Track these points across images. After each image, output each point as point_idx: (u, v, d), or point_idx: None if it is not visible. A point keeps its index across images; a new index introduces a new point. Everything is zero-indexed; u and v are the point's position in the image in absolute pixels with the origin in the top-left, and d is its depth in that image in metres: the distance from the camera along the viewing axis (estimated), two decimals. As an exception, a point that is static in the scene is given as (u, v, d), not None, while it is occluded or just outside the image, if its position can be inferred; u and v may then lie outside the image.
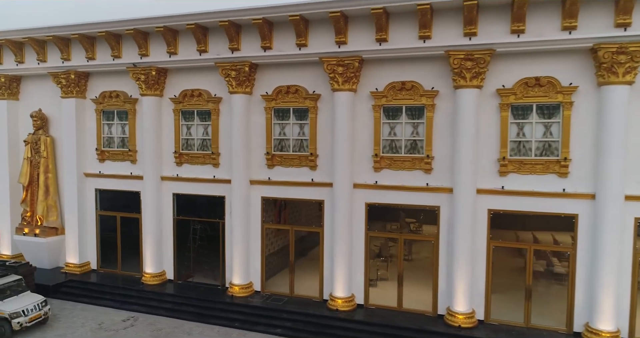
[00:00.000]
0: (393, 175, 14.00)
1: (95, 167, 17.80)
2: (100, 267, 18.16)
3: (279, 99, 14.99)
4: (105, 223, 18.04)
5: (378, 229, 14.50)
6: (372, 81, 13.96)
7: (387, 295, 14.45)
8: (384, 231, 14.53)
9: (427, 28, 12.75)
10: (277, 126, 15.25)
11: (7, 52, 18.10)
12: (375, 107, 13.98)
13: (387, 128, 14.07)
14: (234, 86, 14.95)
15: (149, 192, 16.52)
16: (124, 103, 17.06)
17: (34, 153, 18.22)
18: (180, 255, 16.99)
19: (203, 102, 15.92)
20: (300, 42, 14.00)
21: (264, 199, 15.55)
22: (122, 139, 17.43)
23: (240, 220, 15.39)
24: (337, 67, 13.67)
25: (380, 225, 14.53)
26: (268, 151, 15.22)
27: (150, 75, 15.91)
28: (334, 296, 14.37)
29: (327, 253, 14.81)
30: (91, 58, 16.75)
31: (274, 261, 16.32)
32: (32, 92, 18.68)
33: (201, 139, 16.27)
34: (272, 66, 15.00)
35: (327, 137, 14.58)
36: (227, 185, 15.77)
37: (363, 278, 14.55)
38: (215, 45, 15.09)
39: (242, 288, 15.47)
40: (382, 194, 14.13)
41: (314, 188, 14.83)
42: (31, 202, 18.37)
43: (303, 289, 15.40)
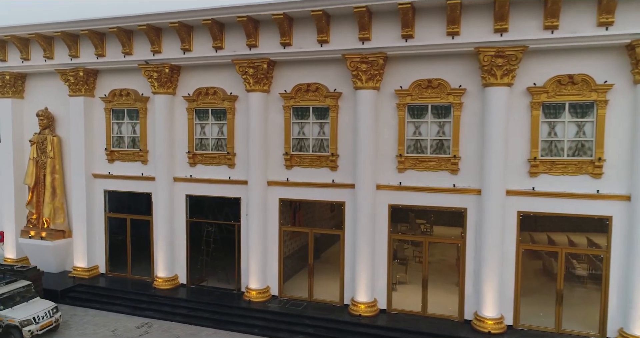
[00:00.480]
0: (418, 176, 13.56)
1: (104, 168, 17.22)
2: (109, 271, 17.58)
3: (298, 97, 14.50)
4: (114, 226, 17.47)
5: (402, 231, 14.06)
6: (396, 79, 13.52)
7: (410, 299, 14.00)
8: (408, 234, 14.08)
9: (456, 24, 12.32)
10: (296, 125, 14.76)
11: (12, 48, 17.48)
12: (400, 106, 13.53)
13: (412, 127, 13.63)
14: (252, 83, 14.45)
15: (161, 193, 15.98)
16: (134, 102, 16.50)
17: (40, 153, 17.62)
18: (193, 259, 16.45)
19: (218, 100, 15.40)
20: (321, 39, 13.53)
21: (282, 201, 15.05)
22: (133, 139, 16.86)
23: (257, 222, 14.89)
24: (361, 64, 13.21)
25: (404, 227, 14.08)
26: (287, 151, 14.73)
27: (163, 72, 15.37)
28: (356, 301, 13.91)
29: (349, 256, 14.33)
30: (101, 55, 16.18)
31: (289, 264, 15.84)
32: (38, 90, 18.07)
33: (216, 138, 15.74)
34: (291, 63, 14.50)
35: (348, 137, 14.13)
36: (243, 186, 15.27)
37: (386, 282, 14.09)
38: (232, 41, 14.58)
39: (259, 292, 14.98)
40: (406, 195, 13.68)
41: (335, 190, 14.35)
42: (37, 204, 17.77)
43: (322, 293, 14.93)
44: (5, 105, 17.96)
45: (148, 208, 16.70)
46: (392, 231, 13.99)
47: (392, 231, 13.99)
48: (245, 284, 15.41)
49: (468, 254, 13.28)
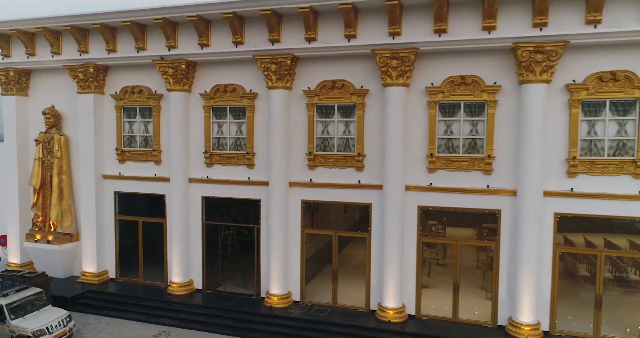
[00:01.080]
0: (449, 176, 13.05)
1: (114, 168, 16.49)
2: (119, 276, 16.84)
3: (322, 94, 13.91)
4: (124, 229, 16.74)
5: (431, 234, 13.54)
6: (427, 75, 12.99)
7: (440, 304, 13.48)
8: (438, 237, 13.56)
9: (493, 18, 11.83)
10: (320, 123, 14.17)
11: (17, 43, 16.69)
12: (431, 104, 13.01)
13: (443, 126, 13.11)
14: (274, 80, 13.83)
15: (176, 195, 15.29)
16: (147, 99, 15.79)
17: (46, 153, 16.84)
18: (209, 263, 15.79)
19: (237, 98, 14.76)
20: (349, 33, 12.97)
21: (304, 203, 14.46)
22: (145, 138, 16.15)
23: (278, 225, 14.27)
24: (391, 60, 12.66)
25: (434, 229, 13.56)
26: (310, 150, 14.14)
27: (179, 69, 14.69)
28: (385, 306, 13.35)
29: (375, 260, 13.79)
30: (112, 50, 15.45)
31: (308, 268, 15.22)
32: (43, 87, 17.27)
33: (234, 138, 15.10)
34: (315, 59, 13.91)
35: (375, 136, 13.57)
36: (264, 187, 14.65)
37: (414, 286, 13.57)
38: (253, 36, 13.97)
39: (280, 298, 14.36)
40: (437, 197, 13.16)
41: (361, 191, 13.79)
42: (43, 206, 16.98)
43: (346, 299, 14.36)
44: (9, 103, 17.15)
45: (161, 210, 16.01)
46: (422, 233, 13.47)
47: (421, 234, 13.47)
48: (265, 289, 14.79)
49: (502, 257, 12.80)
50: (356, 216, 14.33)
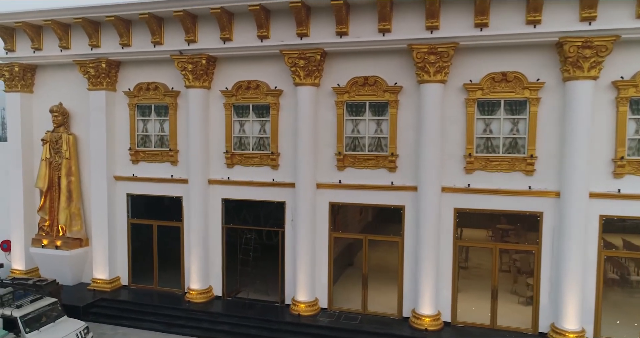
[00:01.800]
0: (488, 177, 12.50)
1: (127, 169, 15.63)
2: (132, 283, 15.99)
3: (352, 92, 13.25)
4: (137, 233, 15.89)
5: (468, 238, 12.97)
6: (465, 72, 12.41)
7: (477, 311, 12.92)
8: (475, 240, 12.99)
9: (538, 12, 11.30)
10: (350, 122, 13.51)
11: (22, 37, 15.75)
12: (469, 101, 12.44)
13: (482, 125, 12.55)
14: (302, 76, 13.14)
15: (195, 197, 14.50)
16: (163, 96, 14.97)
17: (53, 153, 15.92)
18: (229, 269, 15.04)
19: (261, 95, 14.03)
20: (383, 27, 12.34)
21: (332, 205, 13.79)
22: (161, 138, 15.33)
23: (306, 228, 13.58)
24: (429, 55, 12.05)
25: (471, 233, 12.99)
26: (339, 150, 13.47)
27: (199, 64, 13.91)
28: (420, 313, 12.75)
29: (409, 264, 13.18)
30: (126, 45, 14.62)
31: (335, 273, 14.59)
32: (49, 83, 16.34)
33: (257, 137, 14.37)
34: (345, 55, 13.24)
35: (409, 135, 12.97)
36: (289, 189, 13.96)
37: (450, 292, 12.99)
38: (279, 30, 13.26)
39: (308, 305, 13.68)
40: (475, 199, 12.61)
41: (394, 192, 13.17)
42: (50, 210, 16.06)
43: (376, 305, 13.73)
44: (13, 100, 16.18)
45: (178, 214, 15.21)
46: (458, 237, 12.90)
47: (458, 238, 12.90)
48: (291, 296, 14.10)
49: (544, 261, 12.28)
50: (387, 219, 13.69)
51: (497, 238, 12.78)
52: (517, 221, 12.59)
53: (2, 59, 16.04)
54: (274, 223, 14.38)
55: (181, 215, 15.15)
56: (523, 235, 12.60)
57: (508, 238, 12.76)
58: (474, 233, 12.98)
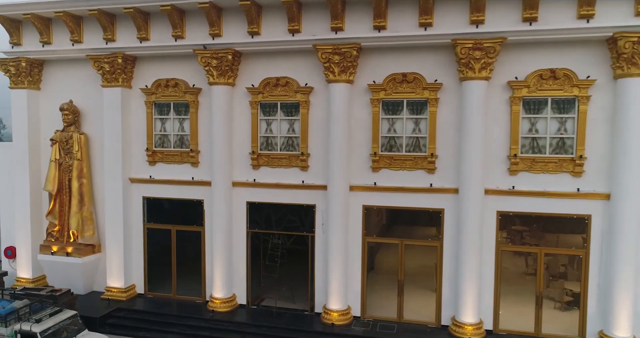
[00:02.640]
0: (533, 179, 11.97)
1: (143, 171, 14.76)
2: (148, 291, 15.11)
3: (389, 89, 12.60)
4: (154, 238, 15.02)
5: (511, 242, 12.42)
6: (510, 68, 11.86)
7: (520, 318, 12.38)
8: (519, 245, 12.44)
9: (590, 6, 10.80)
10: (386, 121, 12.86)
11: (29, 30, 14.78)
12: (514, 100, 11.88)
13: (527, 124, 12.01)
14: (337, 73, 12.44)
15: (218, 200, 13.71)
16: (184, 94, 14.14)
17: (63, 154, 14.95)
18: (254, 276, 14.29)
19: (290, 92, 13.30)
20: (425, 21, 11.74)
21: (366, 208, 13.13)
22: (181, 138, 14.48)
23: (338, 233, 12.90)
24: (474, 51, 11.46)
25: (514, 237, 12.44)
26: (375, 151, 12.81)
27: (224, 60, 13.13)
28: (461, 322, 12.16)
29: (448, 270, 12.60)
30: (144, 38, 13.76)
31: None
32: (58, 80, 15.36)
33: (285, 137, 13.63)
34: (382, 50, 12.59)
35: (449, 134, 12.38)
36: (320, 192, 13.27)
37: (492, 299, 12.44)
38: (311, 24, 12.58)
39: (341, 314, 12.99)
40: (519, 201, 12.07)
41: (433, 195, 12.57)
42: (60, 214, 15.09)
43: (413, 313, 13.11)
44: (19, 97, 15.17)
45: (199, 218, 14.39)
46: (500, 241, 12.35)
47: (500, 242, 12.35)
48: (321, 304, 13.43)
49: (592, 267, 11.79)
50: (424, 223, 13.08)
51: (541, 242, 12.24)
52: (564, 225, 12.07)
53: (7, 53, 15.03)
54: (304, 228, 13.66)
55: (202, 219, 14.34)
56: (569, 239, 12.09)
57: (553, 242, 12.23)
58: (516, 237, 12.41)
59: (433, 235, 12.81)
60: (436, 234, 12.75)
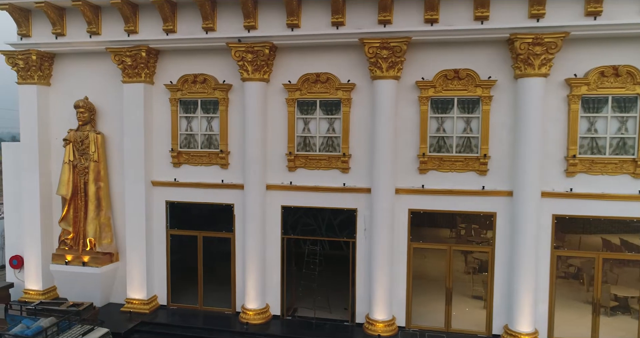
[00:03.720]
0: (591, 181, 11.45)
1: (167, 173, 13.72)
2: (171, 302, 14.08)
3: (439, 86, 11.91)
4: (178, 246, 14.00)
5: (567, 246, 11.87)
6: (568, 65, 11.30)
7: (575, 326, 11.86)
8: (576, 249, 11.89)
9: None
10: (435, 120, 12.17)
11: (39, 20, 13.58)
12: (573, 98, 11.33)
13: (586, 123, 11.48)
14: (385, 69, 11.69)
15: (251, 204, 12.80)
16: (213, 90, 13.16)
17: (78, 155, 13.80)
18: (290, 284, 13.44)
19: (330, 89, 12.47)
20: (480, 14, 11.10)
21: (413, 213, 12.41)
22: (209, 137, 13.50)
23: (384, 239, 12.15)
24: (534, 46, 10.86)
25: (569, 241, 11.89)
26: (423, 152, 12.10)
27: (260, 54, 12.23)
28: (516, 331, 11.57)
29: (500, 276, 11.99)
30: (171, 30, 12.74)
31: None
32: (70, 75, 14.18)
33: (324, 137, 12.80)
34: (432, 45, 11.89)
35: (502, 134, 11.76)
36: (362, 195, 12.52)
37: (547, 306, 11.88)
38: (357, 16, 11.81)
39: (387, 324, 12.26)
40: (577, 204, 11.53)
41: (485, 198, 11.94)
42: (74, 220, 13.92)
43: (461, 322, 12.45)
44: (28, 94, 13.94)
45: (229, 223, 13.45)
46: (556, 246, 11.80)
47: (556, 246, 11.80)
48: (363, 313, 12.68)
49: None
50: (473, 227, 12.44)
51: (600, 247, 11.73)
52: (625, 228, 11.59)
53: (15, 45, 13.78)
54: (344, 233, 12.86)
55: (232, 225, 13.40)
56: (631, 243, 11.61)
57: (614, 246, 11.73)
58: (576, 242, 11.88)
59: (484, 240, 12.18)
60: (487, 239, 12.12)
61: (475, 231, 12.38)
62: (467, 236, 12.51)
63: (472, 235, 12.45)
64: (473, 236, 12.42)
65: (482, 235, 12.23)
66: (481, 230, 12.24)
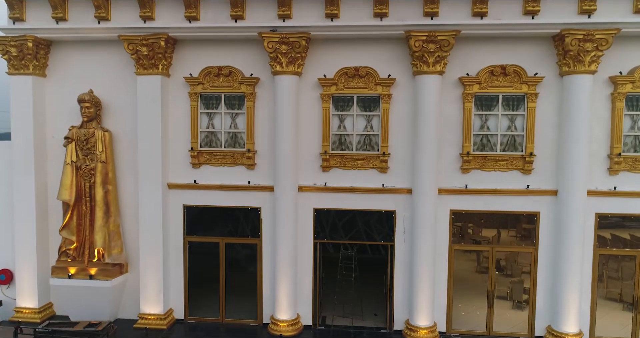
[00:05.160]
0: (635, 179, 11.44)
1: (185, 175, 12.53)
2: (188, 316, 12.88)
3: (484, 82, 11.52)
4: (196, 253, 12.83)
5: (609, 245, 11.82)
6: (613, 63, 11.20)
7: (619, 327, 11.85)
8: (618, 247, 11.87)
9: None
10: (478, 117, 11.77)
11: (36, 3, 11.99)
12: (618, 96, 11.26)
13: (629, 121, 11.46)
14: (431, 63, 11.14)
15: (283, 208, 11.88)
16: (239, 85, 12.11)
17: (82, 155, 12.32)
18: (323, 292, 12.64)
19: (370, 85, 11.78)
20: (531, 9, 10.78)
21: (454, 213, 11.97)
22: (233, 136, 12.44)
23: (426, 241, 11.63)
24: (585, 42, 10.68)
25: (612, 240, 11.86)
26: (467, 150, 11.66)
27: (296, 45, 11.35)
28: (561, 332, 11.39)
29: (543, 278, 11.78)
30: (194, 18, 11.59)
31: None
32: (70, 65, 12.64)
33: (362, 135, 12.09)
34: (478, 40, 11.44)
35: (548, 132, 11.54)
36: (402, 196, 11.95)
37: (589, 307, 11.79)
38: (401, 8, 11.17)
39: (429, 331, 11.74)
40: (621, 202, 11.50)
41: (528, 197, 11.67)
42: (78, 228, 12.44)
43: (502, 325, 12.14)
44: (22, 86, 12.28)
45: (255, 228, 12.46)
46: (599, 245, 11.73)
47: (599, 245, 11.72)
48: (401, 319, 12.13)
49: (692, 268, 11.51)
50: (514, 227, 12.15)
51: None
52: (663, 226, 11.70)
53: (6, 30, 12.11)
54: (382, 236, 12.22)
55: (259, 230, 12.43)
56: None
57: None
58: (619, 241, 11.85)
59: (527, 240, 11.93)
60: (531, 239, 11.87)
61: (515, 231, 12.10)
62: (509, 237, 12.20)
63: (515, 236, 12.15)
64: (516, 237, 12.13)
65: (523, 235, 11.97)
66: (522, 230, 11.98)
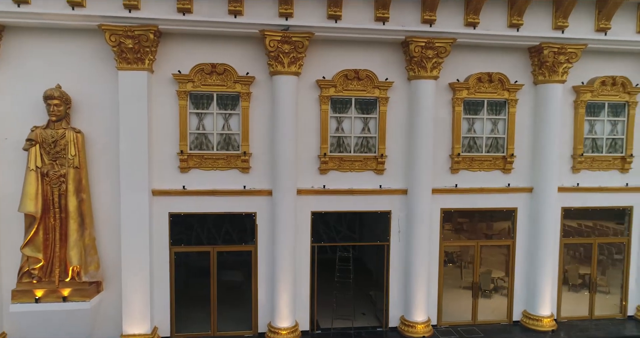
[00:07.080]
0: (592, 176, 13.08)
1: (172, 180, 11.50)
2: (175, 332, 11.89)
3: (472, 88, 12.28)
4: (183, 265, 11.91)
5: (572, 236, 13.35)
6: (578, 72, 12.64)
7: (577, 306, 13.46)
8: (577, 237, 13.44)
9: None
10: (466, 121, 12.52)
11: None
12: (580, 103, 12.76)
13: (588, 126, 13.04)
14: (428, 69, 11.61)
15: (283, 212, 11.52)
16: (233, 84, 11.42)
17: (48, 160, 10.71)
18: (320, 296, 12.47)
19: (368, 88, 11.88)
20: (516, 22, 11.73)
21: (444, 212, 12.60)
22: (226, 138, 11.70)
23: (421, 240, 12.12)
24: (559, 55, 11.95)
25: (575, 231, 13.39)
26: (457, 152, 12.35)
27: (299, 45, 11.07)
28: (538, 315, 12.64)
29: (521, 269, 12.95)
30: (186, 10, 10.70)
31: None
32: (28, 56, 10.87)
33: (360, 137, 12.16)
34: (467, 48, 12.13)
35: (524, 135, 12.70)
36: (397, 196, 12.29)
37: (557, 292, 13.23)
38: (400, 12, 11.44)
39: (425, 325, 12.24)
40: (581, 197, 13.06)
41: (509, 194, 12.75)
42: (45, 244, 10.76)
43: (485, 314, 13.11)
44: (-30, 78, 10.32)
45: (249, 234, 11.91)
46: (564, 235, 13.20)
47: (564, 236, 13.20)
48: (396, 316, 12.51)
49: None
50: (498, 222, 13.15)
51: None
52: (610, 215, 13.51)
53: (-51, 11, 10.05)
54: (377, 237, 12.45)
55: (254, 236, 11.89)
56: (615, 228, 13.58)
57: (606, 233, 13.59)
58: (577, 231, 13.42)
59: (503, 234, 12.99)
60: (508, 233, 12.96)
61: (497, 227, 13.12)
62: (490, 232, 13.18)
63: (494, 230, 13.16)
64: (495, 231, 13.13)
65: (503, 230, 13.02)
66: (503, 225, 13.03)
